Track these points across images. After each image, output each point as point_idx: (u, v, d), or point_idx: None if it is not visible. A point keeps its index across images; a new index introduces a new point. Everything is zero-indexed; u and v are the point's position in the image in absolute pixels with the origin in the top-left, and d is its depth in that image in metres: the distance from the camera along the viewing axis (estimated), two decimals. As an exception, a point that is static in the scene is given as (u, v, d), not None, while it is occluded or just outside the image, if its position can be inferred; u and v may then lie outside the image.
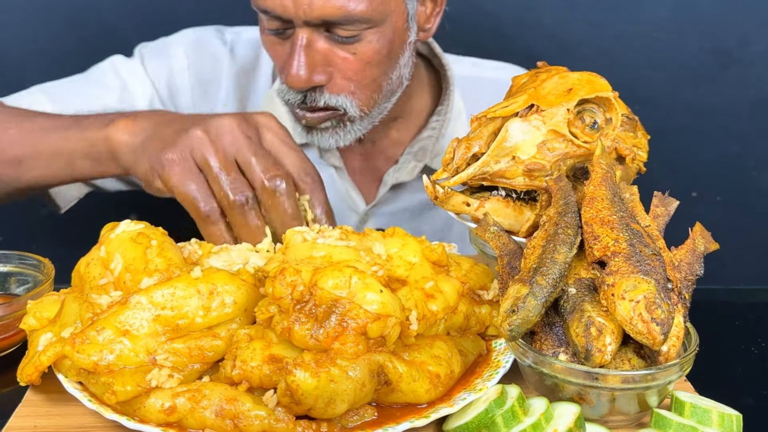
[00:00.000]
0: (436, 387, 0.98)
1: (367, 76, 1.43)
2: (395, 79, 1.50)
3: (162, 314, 0.97)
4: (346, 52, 1.40)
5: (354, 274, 0.95)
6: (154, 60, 1.69)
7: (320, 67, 1.40)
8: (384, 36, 1.41)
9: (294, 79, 1.38)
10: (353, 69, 1.41)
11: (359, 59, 1.41)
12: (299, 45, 1.37)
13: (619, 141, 1.17)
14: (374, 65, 1.42)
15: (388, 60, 1.45)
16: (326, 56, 1.40)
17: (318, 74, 1.40)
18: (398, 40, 1.45)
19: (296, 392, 0.89)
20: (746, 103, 2.24)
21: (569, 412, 0.94)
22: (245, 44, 1.75)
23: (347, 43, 1.39)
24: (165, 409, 0.92)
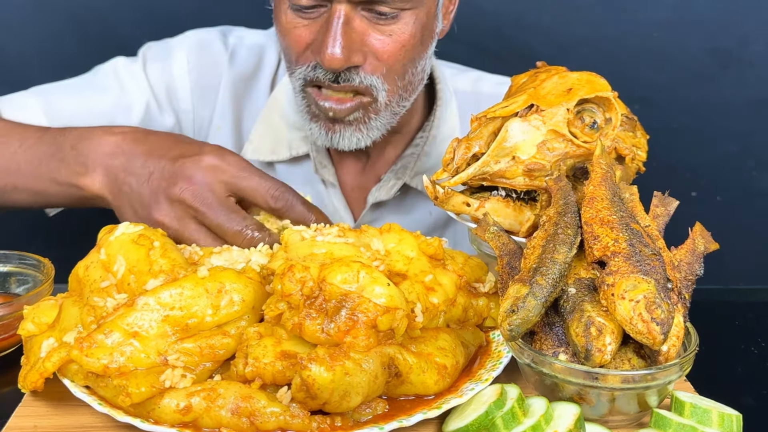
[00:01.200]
0: (443, 378, 1.00)
1: (399, 60, 1.40)
2: (419, 71, 1.48)
3: (171, 314, 0.98)
4: (381, 34, 1.37)
5: (362, 269, 0.97)
6: (155, 63, 1.67)
7: (357, 47, 1.36)
8: (419, 20, 1.39)
9: (333, 60, 1.33)
10: (388, 51, 1.38)
11: (395, 41, 1.38)
12: (337, 22, 1.32)
13: (618, 141, 1.17)
14: (408, 49, 1.40)
15: (420, 45, 1.43)
16: (362, 36, 1.36)
17: (355, 54, 1.36)
18: (429, 28, 1.44)
19: (312, 387, 0.90)
20: (746, 103, 2.24)
21: (569, 412, 0.94)
22: (247, 50, 1.71)
23: (385, 22, 1.36)
24: (180, 409, 0.92)
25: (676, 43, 2.19)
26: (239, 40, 1.72)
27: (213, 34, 1.72)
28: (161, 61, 1.67)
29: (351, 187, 1.70)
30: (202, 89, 1.69)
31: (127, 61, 1.67)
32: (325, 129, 1.46)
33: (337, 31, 1.32)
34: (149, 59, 1.67)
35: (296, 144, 1.65)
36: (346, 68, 1.36)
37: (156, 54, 1.68)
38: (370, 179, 1.68)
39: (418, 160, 1.64)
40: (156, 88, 1.66)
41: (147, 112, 1.65)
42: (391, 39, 1.38)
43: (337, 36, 1.32)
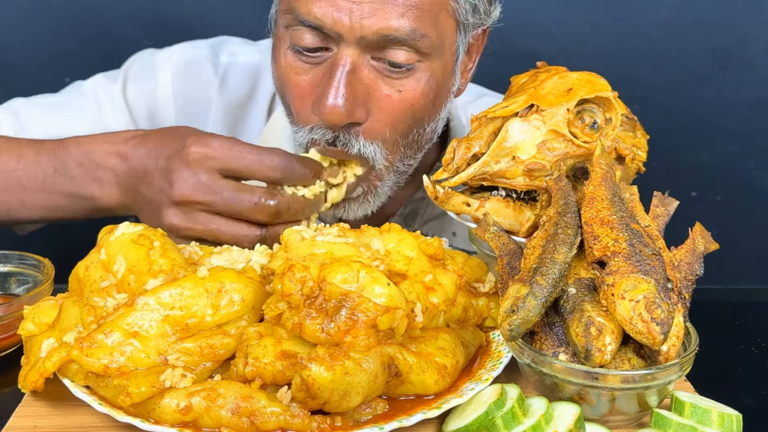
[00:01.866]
0: (443, 378, 1.00)
1: (405, 122, 1.25)
2: (428, 131, 1.32)
3: (171, 314, 0.98)
4: (391, 89, 1.22)
5: (362, 269, 0.97)
6: (136, 84, 1.56)
7: (361, 101, 1.21)
8: (434, 75, 1.24)
9: (333, 112, 1.18)
10: (395, 110, 1.23)
11: (403, 99, 1.23)
12: (342, 70, 1.18)
13: (618, 141, 1.17)
14: (417, 109, 1.25)
15: (432, 106, 1.28)
16: (369, 90, 1.22)
17: (359, 109, 1.21)
18: (444, 86, 1.29)
19: (312, 386, 0.90)
20: (746, 103, 2.24)
21: (569, 412, 0.94)
22: (241, 71, 1.58)
23: (396, 76, 1.21)
24: (181, 409, 0.92)
25: (676, 43, 2.19)
26: (232, 59, 1.59)
27: (203, 53, 1.59)
28: (144, 83, 1.57)
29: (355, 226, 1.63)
30: (188, 116, 1.57)
31: (108, 80, 1.58)
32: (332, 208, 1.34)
33: (341, 80, 1.18)
34: (130, 79, 1.58)
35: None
36: (347, 126, 1.23)
37: (138, 73, 1.58)
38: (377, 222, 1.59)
39: (429, 205, 1.54)
40: (135, 111, 1.57)
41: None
42: (400, 96, 1.23)
43: (340, 86, 1.18)
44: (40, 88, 1.67)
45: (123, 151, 1.26)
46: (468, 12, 1.26)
